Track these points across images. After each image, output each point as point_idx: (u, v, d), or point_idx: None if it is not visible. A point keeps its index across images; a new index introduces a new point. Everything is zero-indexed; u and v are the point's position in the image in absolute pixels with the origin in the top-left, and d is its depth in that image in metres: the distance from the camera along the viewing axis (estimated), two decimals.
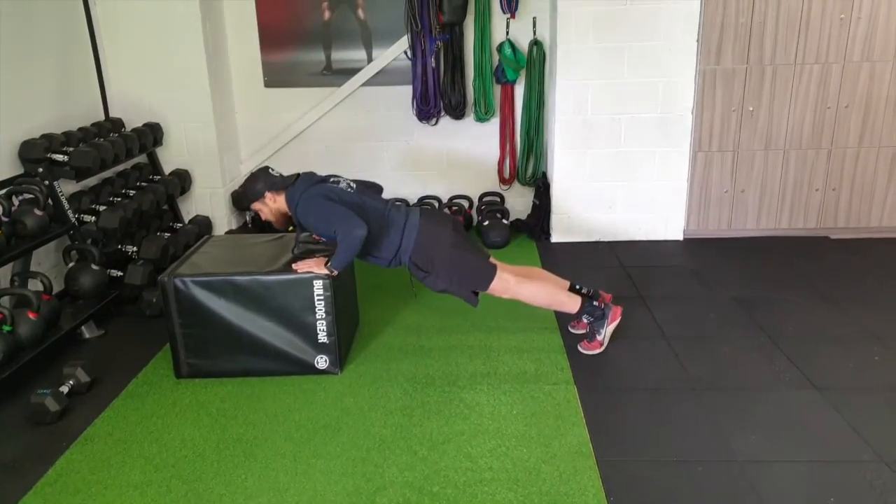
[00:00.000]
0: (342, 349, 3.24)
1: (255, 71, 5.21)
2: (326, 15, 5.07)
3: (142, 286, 3.86)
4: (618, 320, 3.38)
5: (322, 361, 3.19)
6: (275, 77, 5.21)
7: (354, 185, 3.26)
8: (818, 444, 2.63)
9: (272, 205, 3.24)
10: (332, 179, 3.25)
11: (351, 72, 5.15)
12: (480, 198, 5.41)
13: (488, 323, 3.69)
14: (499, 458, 2.58)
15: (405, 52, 5.03)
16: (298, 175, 3.27)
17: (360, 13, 5.05)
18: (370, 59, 5.13)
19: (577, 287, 3.40)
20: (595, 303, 3.33)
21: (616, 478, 2.45)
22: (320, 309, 3.10)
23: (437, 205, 5.32)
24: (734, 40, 4.56)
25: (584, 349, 3.35)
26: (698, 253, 4.72)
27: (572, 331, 3.55)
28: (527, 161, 5.23)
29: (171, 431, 2.82)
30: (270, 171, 3.28)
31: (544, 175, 5.18)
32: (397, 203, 3.35)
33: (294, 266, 3.09)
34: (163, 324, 3.23)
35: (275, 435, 2.77)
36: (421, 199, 5.36)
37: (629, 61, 4.61)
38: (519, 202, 5.42)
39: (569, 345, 3.42)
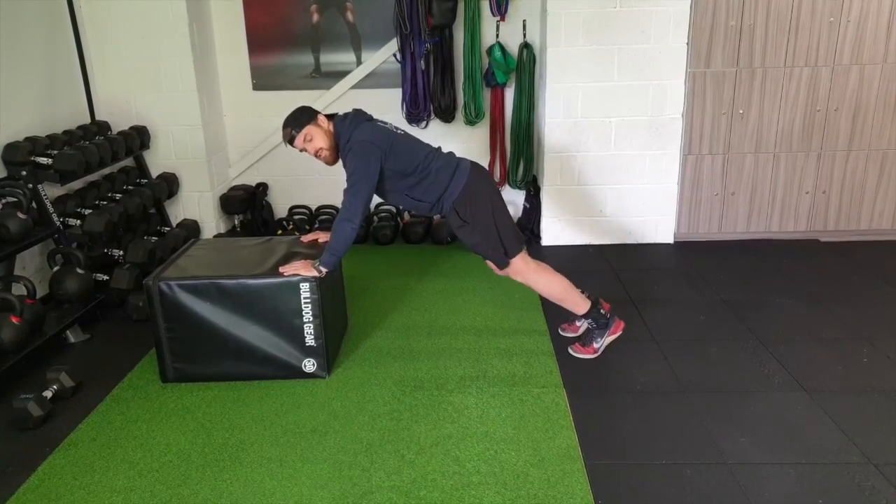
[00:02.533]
0: (330, 353, 3.21)
1: (244, 74, 5.18)
2: (315, 17, 5.05)
3: (128, 290, 3.83)
4: (618, 334, 3.35)
5: (309, 365, 3.16)
6: (263, 80, 5.19)
7: (401, 131, 3.21)
8: (807, 445, 2.62)
9: (325, 126, 3.16)
10: (379, 121, 3.22)
11: (340, 74, 5.13)
12: None
13: (477, 326, 3.68)
14: (487, 462, 2.55)
15: (394, 55, 5.02)
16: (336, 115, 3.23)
17: (349, 16, 5.03)
18: (359, 62, 5.11)
19: (582, 291, 3.35)
20: (602, 311, 3.31)
21: (604, 481, 2.44)
22: (307, 312, 3.07)
23: None
24: (724, 43, 4.57)
25: (576, 352, 3.33)
26: (688, 256, 4.71)
27: (562, 334, 3.54)
28: (517, 164, 5.21)
29: (156, 436, 2.79)
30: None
31: (535, 178, 5.17)
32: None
33: (281, 269, 3.06)
34: (149, 328, 3.19)
35: (261, 439, 2.74)
36: None
37: (619, 64, 4.60)
38: (509, 205, 5.38)
39: (558, 348, 3.40)
